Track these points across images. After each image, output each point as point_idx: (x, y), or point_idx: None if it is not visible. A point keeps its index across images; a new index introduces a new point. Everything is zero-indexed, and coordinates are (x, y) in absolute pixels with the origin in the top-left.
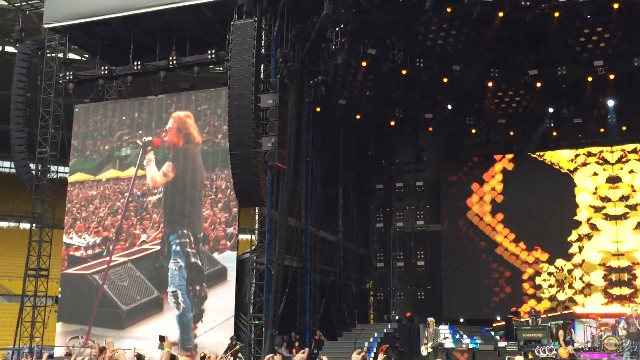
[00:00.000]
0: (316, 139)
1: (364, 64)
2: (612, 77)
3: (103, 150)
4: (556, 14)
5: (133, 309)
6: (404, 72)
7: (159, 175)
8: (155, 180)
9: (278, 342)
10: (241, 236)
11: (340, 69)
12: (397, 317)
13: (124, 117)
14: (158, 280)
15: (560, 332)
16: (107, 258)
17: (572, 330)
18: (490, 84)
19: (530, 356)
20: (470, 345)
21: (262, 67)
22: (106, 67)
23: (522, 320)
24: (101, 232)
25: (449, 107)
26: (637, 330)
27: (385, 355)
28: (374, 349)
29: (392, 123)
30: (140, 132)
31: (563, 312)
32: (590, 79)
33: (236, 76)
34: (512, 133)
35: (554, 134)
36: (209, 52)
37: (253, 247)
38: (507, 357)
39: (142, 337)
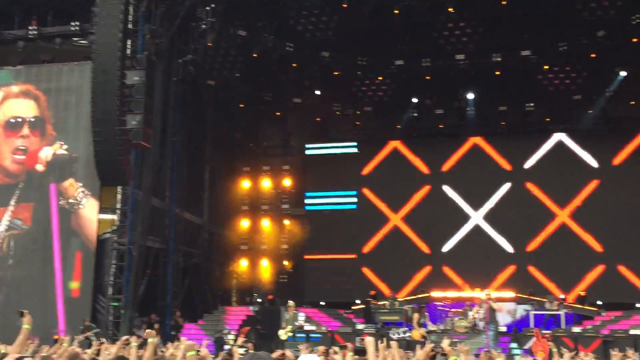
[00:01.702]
0: (183, 119)
1: (232, 47)
2: (472, 71)
3: None
4: (422, 7)
5: None
6: (273, 56)
7: None
8: None
9: (137, 324)
10: (102, 216)
11: (210, 50)
12: (259, 300)
13: None
14: None
15: (415, 315)
16: None
17: (426, 313)
18: (357, 72)
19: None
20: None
21: (128, 43)
22: None
23: (380, 303)
24: None
25: (318, 92)
26: (486, 314)
27: (245, 338)
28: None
29: (261, 106)
30: None
31: (419, 296)
32: (452, 72)
33: (101, 50)
34: (377, 121)
35: (417, 124)
36: (73, 23)
37: (114, 227)
38: (357, 339)
39: None
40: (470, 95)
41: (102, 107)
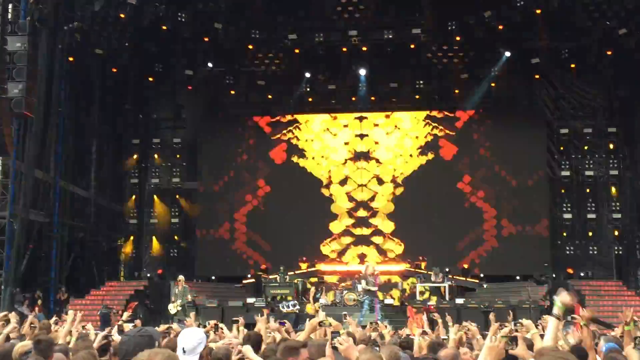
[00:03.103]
0: (70, 89)
1: (122, 15)
2: (364, 48)
3: None
4: None
5: None
6: (164, 27)
7: None
8: None
9: (20, 300)
10: None
11: (98, 17)
12: (148, 275)
13: None
14: None
15: (312, 290)
16: None
17: (323, 288)
18: (250, 46)
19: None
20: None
21: (10, 7)
22: None
23: (270, 277)
24: None
25: (210, 65)
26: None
27: (131, 313)
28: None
29: (151, 78)
30: None
31: (309, 270)
32: (344, 48)
33: None
34: (269, 96)
35: (310, 99)
36: None
37: None
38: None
39: None
40: (363, 72)
41: None
